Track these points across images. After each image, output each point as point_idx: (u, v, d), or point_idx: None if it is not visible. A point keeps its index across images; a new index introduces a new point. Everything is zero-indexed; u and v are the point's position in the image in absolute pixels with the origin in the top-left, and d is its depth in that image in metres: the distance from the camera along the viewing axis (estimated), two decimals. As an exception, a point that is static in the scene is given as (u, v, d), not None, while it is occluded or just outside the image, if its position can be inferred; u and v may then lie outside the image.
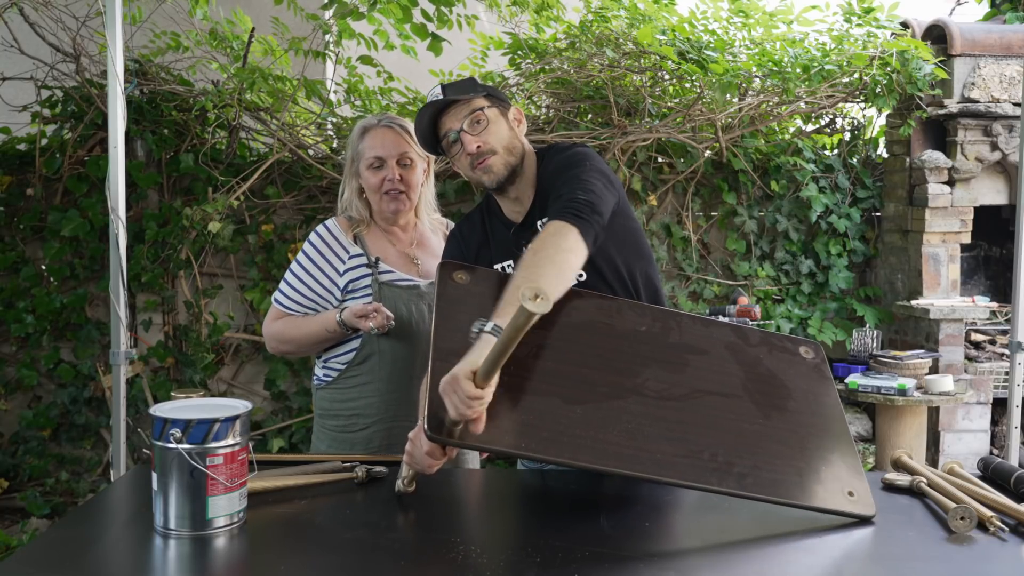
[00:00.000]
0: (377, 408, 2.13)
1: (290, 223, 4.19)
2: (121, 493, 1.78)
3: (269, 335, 2.22)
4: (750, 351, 1.77)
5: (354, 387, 2.15)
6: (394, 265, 2.17)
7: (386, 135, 2.16)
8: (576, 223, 1.65)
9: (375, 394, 2.13)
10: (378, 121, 2.20)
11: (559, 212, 1.68)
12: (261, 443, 4.06)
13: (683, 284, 4.39)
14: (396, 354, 2.11)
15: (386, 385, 2.12)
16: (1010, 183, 4.32)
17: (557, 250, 1.61)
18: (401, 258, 2.20)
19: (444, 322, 1.61)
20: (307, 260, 2.17)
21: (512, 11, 4.29)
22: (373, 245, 2.19)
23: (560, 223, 1.65)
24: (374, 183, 2.16)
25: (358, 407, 2.14)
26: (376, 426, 2.13)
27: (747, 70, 4.07)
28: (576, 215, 1.66)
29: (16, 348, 4.13)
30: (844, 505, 1.55)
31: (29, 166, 4.06)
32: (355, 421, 2.15)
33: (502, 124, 1.87)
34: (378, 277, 2.14)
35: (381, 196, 2.17)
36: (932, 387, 3.84)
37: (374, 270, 2.14)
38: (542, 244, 1.62)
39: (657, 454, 1.51)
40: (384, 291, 2.12)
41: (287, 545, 1.45)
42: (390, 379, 2.12)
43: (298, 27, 4.05)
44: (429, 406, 1.45)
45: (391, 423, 2.12)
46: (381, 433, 2.12)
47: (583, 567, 1.34)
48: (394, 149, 2.15)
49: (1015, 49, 4.26)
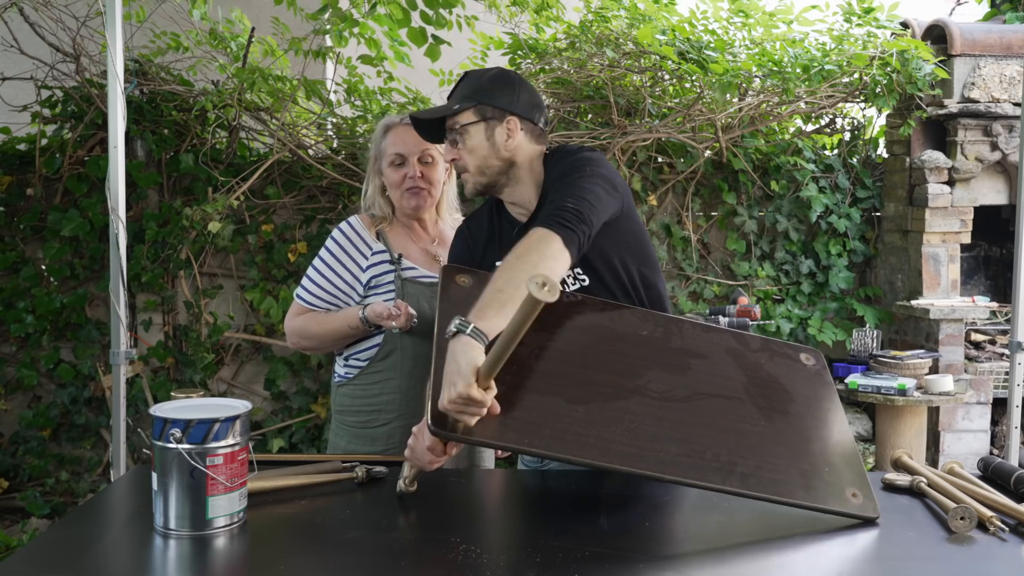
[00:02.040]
0: (399, 404, 2.15)
1: (290, 223, 4.19)
2: (121, 493, 1.78)
3: (291, 330, 2.23)
4: (751, 357, 1.78)
5: (376, 383, 2.17)
6: (416, 262, 2.20)
7: (408, 133, 2.16)
8: (560, 231, 1.65)
9: (396, 390, 2.15)
10: (400, 119, 2.22)
11: (545, 219, 1.68)
12: (261, 443, 4.06)
13: (683, 284, 4.39)
14: (418, 350, 2.13)
15: (408, 381, 2.15)
16: (1010, 183, 4.32)
17: (541, 257, 1.61)
18: (423, 255, 2.23)
19: (447, 322, 1.61)
20: (330, 256, 2.19)
21: (512, 11, 4.29)
22: (395, 242, 2.21)
23: (544, 231, 1.65)
24: (396, 180, 2.19)
25: (380, 403, 2.16)
26: (397, 421, 2.15)
27: (747, 70, 4.07)
28: (561, 223, 1.66)
29: (16, 348, 4.13)
30: (848, 506, 1.55)
31: (29, 166, 4.06)
32: (376, 417, 2.17)
33: (481, 141, 1.86)
34: (401, 273, 2.16)
35: (403, 193, 2.19)
36: (932, 387, 3.84)
37: (397, 266, 2.16)
38: (525, 250, 1.63)
39: (661, 453, 1.51)
40: (407, 287, 2.15)
41: (287, 545, 1.45)
42: (412, 375, 2.14)
43: (298, 27, 4.05)
44: (432, 401, 1.45)
45: (412, 419, 2.10)
46: (402, 429, 2.11)
47: (583, 567, 1.34)
48: (415, 147, 2.17)
49: (1015, 49, 4.26)
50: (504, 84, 1.90)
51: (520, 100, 1.89)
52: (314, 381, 4.24)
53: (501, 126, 1.87)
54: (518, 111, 1.88)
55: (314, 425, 4.18)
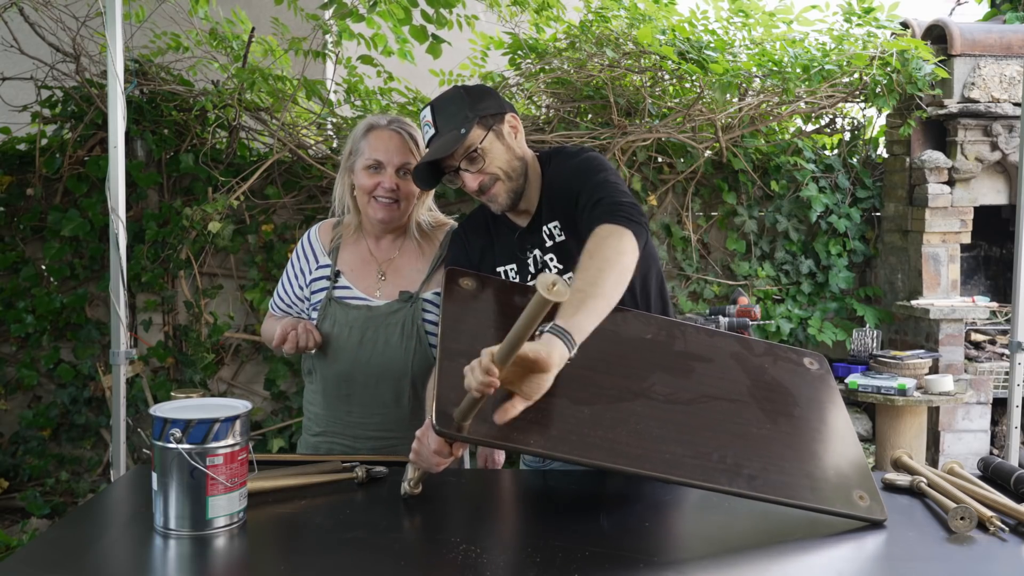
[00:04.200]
0: (319, 420, 2.11)
1: (290, 223, 4.19)
2: (121, 493, 1.78)
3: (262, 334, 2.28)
4: (755, 360, 1.78)
5: (310, 393, 2.15)
6: (355, 280, 2.09)
7: (391, 139, 2.04)
8: (629, 226, 1.65)
9: (318, 405, 2.11)
10: (387, 123, 2.07)
11: (608, 216, 1.67)
12: (261, 443, 4.06)
13: (683, 284, 4.39)
14: (327, 372, 2.06)
15: (323, 399, 2.09)
16: (1010, 183, 4.32)
17: (615, 252, 1.60)
18: (367, 272, 2.10)
19: (452, 324, 1.61)
20: (289, 265, 2.18)
21: (512, 11, 4.29)
22: (345, 256, 2.12)
23: (613, 226, 1.65)
24: (367, 185, 2.03)
25: (311, 412, 2.14)
26: (320, 437, 2.10)
27: (747, 70, 4.07)
28: (627, 218, 1.67)
29: (16, 348, 4.13)
30: (856, 509, 1.54)
31: (29, 166, 4.06)
32: (311, 425, 2.14)
33: (499, 147, 1.85)
34: (332, 291, 2.07)
35: (371, 200, 2.04)
36: (932, 387, 3.84)
37: (331, 283, 2.08)
38: (598, 248, 1.61)
39: (667, 454, 1.50)
40: (330, 307, 2.05)
41: (287, 545, 1.45)
42: (324, 394, 2.09)
43: (298, 27, 4.05)
44: (437, 402, 1.44)
45: (333, 437, 2.09)
46: (325, 444, 2.09)
47: (583, 567, 1.34)
48: (396, 156, 2.02)
49: (1015, 49, 4.26)
50: (482, 93, 1.90)
51: (501, 100, 1.91)
52: (314, 381, 4.24)
53: (505, 126, 1.87)
54: (508, 108, 1.90)
55: (314, 425, 4.18)
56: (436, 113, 1.86)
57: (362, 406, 2.05)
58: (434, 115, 1.86)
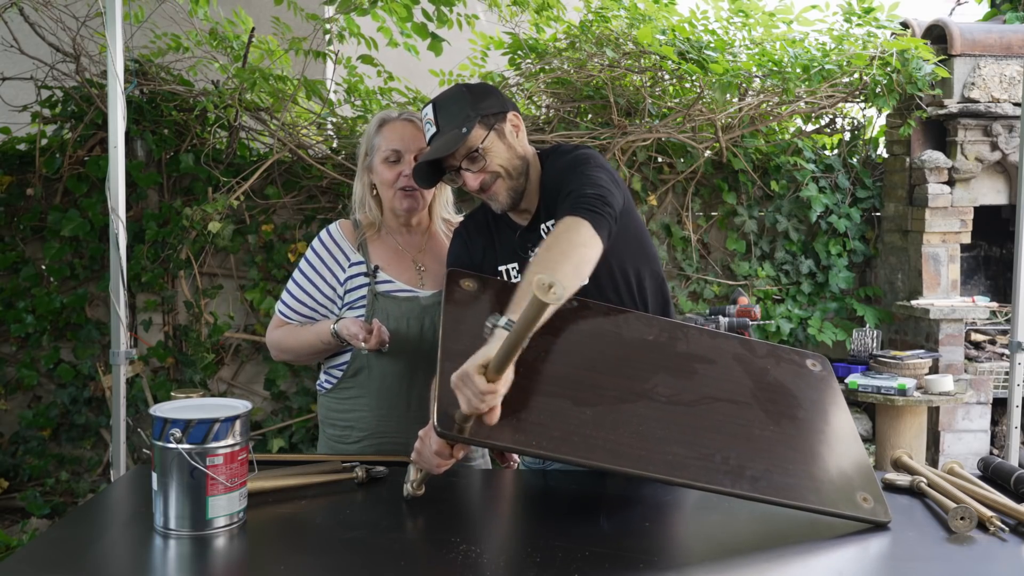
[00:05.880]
0: (367, 423, 2.06)
1: (290, 223, 4.19)
2: (121, 493, 1.78)
3: (270, 343, 2.17)
4: (757, 362, 1.78)
5: (348, 399, 2.09)
6: (395, 274, 2.07)
7: (405, 128, 2.06)
8: (588, 216, 1.63)
9: (366, 408, 2.06)
10: (399, 115, 2.09)
11: (570, 208, 1.66)
12: (261, 443, 4.06)
13: (683, 284, 4.39)
14: (386, 369, 2.03)
15: (376, 400, 2.05)
16: (1010, 183, 4.32)
17: (571, 244, 1.59)
18: (405, 266, 2.10)
19: (453, 324, 1.61)
20: (309, 268, 2.10)
21: (512, 11, 4.29)
22: (377, 251, 2.09)
23: (572, 218, 1.63)
24: (389, 178, 2.05)
25: (351, 419, 2.08)
26: (367, 440, 2.06)
27: (747, 70, 4.07)
28: (587, 209, 1.64)
29: (16, 348, 4.13)
30: (860, 511, 1.54)
31: (29, 166, 4.05)
32: (349, 433, 2.08)
33: (500, 147, 1.84)
34: (375, 287, 2.04)
35: (395, 192, 2.05)
36: (932, 387, 3.84)
37: (372, 279, 2.05)
38: (555, 240, 1.60)
39: (669, 456, 1.50)
40: (379, 302, 2.03)
41: (287, 545, 1.45)
42: (379, 394, 2.04)
43: (298, 27, 4.05)
44: (439, 403, 1.44)
45: (381, 438, 2.05)
46: (372, 448, 2.04)
47: (583, 567, 1.34)
48: (413, 144, 2.03)
49: (1015, 49, 4.26)
50: (484, 91, 1.89)
51: (504, 99, 1.90)
52: (314, 381, 4.24)
53: (507, 125, 1.87)
54: (510, 107, 1.89)
55: (314, 425, 4.18)
56: (438, 111, 1.85)
57: (422, 399, 1.98)
58: (436, 113, 1.85)
